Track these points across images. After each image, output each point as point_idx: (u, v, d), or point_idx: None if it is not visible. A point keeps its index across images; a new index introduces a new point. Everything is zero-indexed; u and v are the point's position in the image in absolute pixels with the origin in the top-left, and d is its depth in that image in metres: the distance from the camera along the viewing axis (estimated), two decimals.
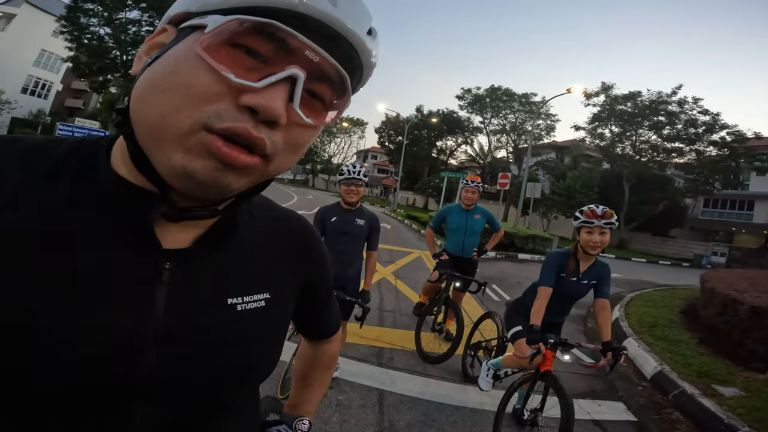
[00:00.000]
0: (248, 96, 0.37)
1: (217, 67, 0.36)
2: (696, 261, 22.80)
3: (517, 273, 9.50)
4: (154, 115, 0.37)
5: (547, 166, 33.76)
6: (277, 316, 0.57)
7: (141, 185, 0.43)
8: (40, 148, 0.45)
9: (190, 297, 0.47)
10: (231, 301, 0.50)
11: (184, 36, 0.39)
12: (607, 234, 2.36)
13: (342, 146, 56.69)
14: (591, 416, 3.02)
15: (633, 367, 4.22)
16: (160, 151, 0.38)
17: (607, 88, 29.49)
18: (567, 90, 17.39)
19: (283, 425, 0.81)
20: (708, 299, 5.58)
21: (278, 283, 0.58)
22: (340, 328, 0.88)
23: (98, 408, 0.43)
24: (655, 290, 9.33)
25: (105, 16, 24.06)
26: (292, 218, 0.67)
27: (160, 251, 0.45)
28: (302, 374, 0.88)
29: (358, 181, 2.85)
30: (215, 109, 0.37)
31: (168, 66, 0.38)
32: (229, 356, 0.49)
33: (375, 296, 5.48)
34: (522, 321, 2.64)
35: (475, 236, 4.19)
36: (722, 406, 3.09)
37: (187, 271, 0.47)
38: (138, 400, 0.44)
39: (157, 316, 0.44)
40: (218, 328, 0.48)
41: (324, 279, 0.72)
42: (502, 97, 37.53)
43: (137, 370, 0.43)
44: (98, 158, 0.45)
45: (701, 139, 27.32)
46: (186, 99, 0.36)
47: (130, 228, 0.44)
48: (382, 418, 2.60)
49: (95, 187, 0.43)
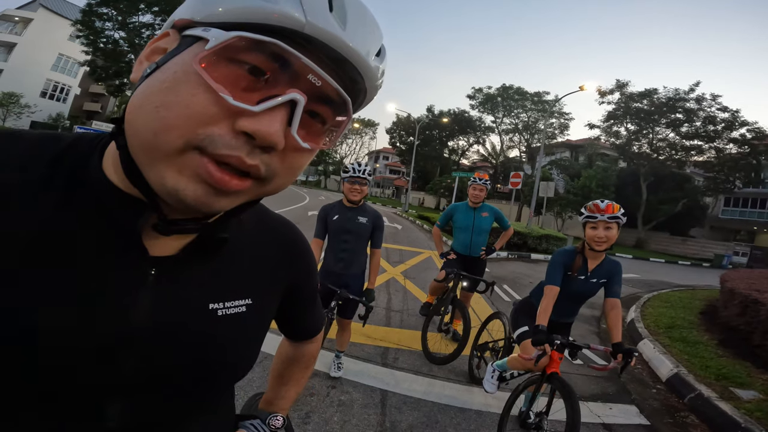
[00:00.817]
0: (245, 120, 0.35)
1: (216, 87, 0.34)
2: (716, 261, 22.21)
3: (530, 273, 9.34)
4: (147, 131, 0.36)
5: (561, 165, 33.32)
6: (257, 321, 0.58)
7: (131, 193, 0.42)
8: (38, 145, 0.44)
9: (173, 302, 0.48)
10: (212, 306, 0.51)
11: (186, 45, 0.38)
12: (614, 229, 2.27)
13: (354, 147, 56.99)
14: (601, 419, 2.92)
15: (648, 369, 4.08)
16: (153, 168, 0.37)
17: (622, 85, 29.03)
18: (579, 87, 17.05)
19: (257, 420, 0.82)
20: (728, 300, 5.40)
21: (261, 289, 0.59)
22: (322, 329, 0.87)
23: (78, 406, 0.43)
24: (674, 291, 9.10)
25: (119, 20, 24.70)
26: (279, 223, 0.67)
27: (146, 258, 0.45)
28: (279, 372, 0.89)
29: (363, 179, 2.80)
30: (210, 133, 0.35)
31: (165, 81, 0.36)
32: (208, 358, 0.51)
33: (383, 296, 5.44)
34: (528, 321, 2.56)
35: (483, 235, 4.10)
36: (739, 410, 2.96)
37: (172, 277, 0.48)
38: (117, 398, 0.45)
39: (140, 320, 0.45)
40: (198, 333, 0.50)
41: (309, 282, 0.72)
42: (513, 96, 37.28)
43: (117, 371, 0.44)
44: (92, 160, 0.44)
45: (721, 137, 26.70)
46: (180, 119, 0.35)
47: (118, 234, 0.44)
48: (383, 418, 2.55)
49: (86, 191, 0.43)
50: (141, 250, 0.45)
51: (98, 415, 0.45)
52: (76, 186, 0.43)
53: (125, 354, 0.44)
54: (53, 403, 0.42)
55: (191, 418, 0.55)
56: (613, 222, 2.26)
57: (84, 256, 0.42)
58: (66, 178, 0.43)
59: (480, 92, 38.74)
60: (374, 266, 2.95)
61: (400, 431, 2.46)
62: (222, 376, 0.55)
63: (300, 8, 0.36)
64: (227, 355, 0.53)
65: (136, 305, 0.45)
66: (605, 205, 2.27)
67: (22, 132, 0.45)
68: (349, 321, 2.99)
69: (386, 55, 0.45)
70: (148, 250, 0.45)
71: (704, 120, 26.74)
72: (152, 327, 0.46)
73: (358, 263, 2.92)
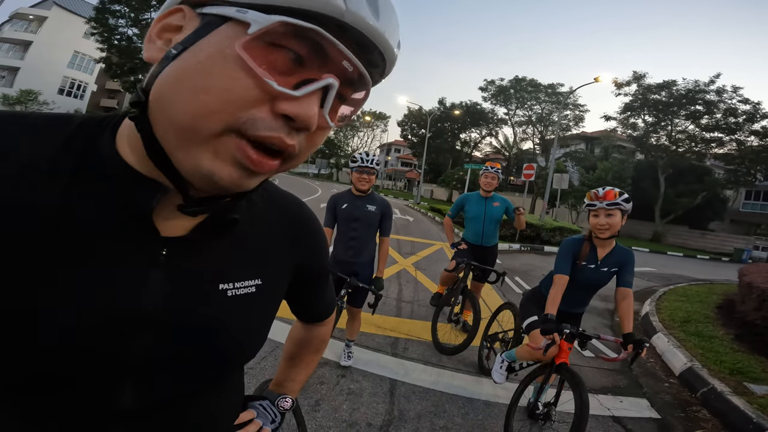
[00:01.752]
0: (286, 104, 0.36)
1: (260, 73, 0.35)
2: (736, 255, 21.65)
3: (543, 266, 9.25)
4: (185, 114, 0.36)
5: (576, 157, 32.72)
6: (267, 302, 0.58)
7: (145, 173, 0.43)
8: (48, 125, 0.44)
9: (183, 283, 0.48)
10: (222, 287, 0.51)
11: (213, 26, 0.37)
12: (616, 216, 2.25)
13: (365, 140, 56.87)
14: (611, 412, 2.90)
15: (661, 363, 4.03)
16: (187, 151, 0.38)
17: (639, 77, 28.26)
18: (594, 79, 16.67)
19: (266, 401, 0.84)
20: (745, 294, 5.28)
21: (271, 269, 0.59)
22: (333, 312, 0.88)
23: (90, 387, 0.44)
24: (690, 285, 8.92)
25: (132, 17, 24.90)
26: (289, 201, 0.66)
27: (157, 238, 0.46)
28: (291, 354, 0.90)
29: (371, 169, 2.83)
30: (251, 116, 0.36)
31: (200, 63, 0.36)
32: (217, 339, 0.51)
33: (394, 287, 5.46)
34: (538, 311, 2.54)
35: (495, 224, 4.07)
36: (752, 405, 2.91)
37: (182, 258, 0.48)
38: (128, 378, 0.46)
39: (151, 300, 0.45)
40: (208, 313, 0.50)
41: (319, 262, 0.72)
42: (527, 88, 36.72)
43: (129, 351, 0.44)
44: (102, 140, 0.44)
45: (742, 129, 25.86)
46: (222, 103, 0.35)
47: (130, 215, 0.44)
48: (392, 407, 2.58)
49: (98, 171, 0.43)
50: (153, 231, 0.45)
51: (110, 395, 0.45)
52: (87, 166, 0.43)
53: (137, 335, 0.45)
54: (65, 384, 0.42)
55: (201, 398, 0.56)
56: (613, 208, 2.24)
57: (96, 236, 0.42)
58: (77, 158, 0.43)
59: (492, 84, 38.25)
60: (383, 254, 2.97)
61: (408, 420, 2.48)
62: (232, 357, 0.55)
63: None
64: (237, 335, 0.54)
65: (148, 286, 0.45)
66: (604, 192, 2.26)
67: (31, 114, 0.45)
68: (359, 310, 3.02)
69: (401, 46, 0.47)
70: (159, 230, 0.46)
71: (725, 112, 25.91)
72: (163, 308, 0.46)
73: (368, 251, 2.95)
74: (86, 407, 0.45)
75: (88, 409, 0.45)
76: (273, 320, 0.62)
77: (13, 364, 0.40)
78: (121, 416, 0.47)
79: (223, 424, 0.66)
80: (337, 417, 2.39)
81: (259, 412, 0.80)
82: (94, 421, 0.46)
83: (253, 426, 0.74)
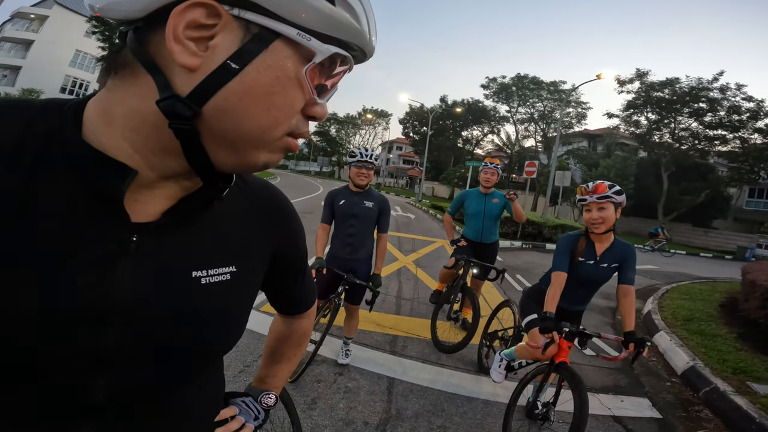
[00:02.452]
0: (314, 108, 0.46)
1: (314, 94, 0.45)
2: (739, 253, 21.54)
3: (545, 263, 9.21)
4: (257, 129, 0.42)
5: (578, 154, 32.61)
6: (242, 290, 0.57)
7: (115, 156, 0.41)
8: (9, 111, 0.42)
9: (154, 270, 0.47)
10: (195, 275, 0.50)
11: (267, 42, 0.40)
12: (608, 209, 2.22)
13: (367, 138, 56.72)
14: (611, 412, 2.86)
15: (663, 362, 3.99)
16: (243, 153, 0.44)
17: (642, 74, 28.11)
18: (597, 76, 16.53)
19: (248, 398, 0.82)
20: (749, 292, 5.22)
21: (245, 257, 0.57)
22: (314, 305, 0.86)
23: (61, 381, 0.43)
24: (693, 283, 8.86)
25: None
26: (261, 187, 0.65)
27: (127, 224, 0.44)
28: (272, 350, 0.88)
29: (369, 164, 2.78)
30: (296, 120, 0.45)
31: (271, 84, 0.41)
32: (192, 328, 0.50)
33: (394, 284, 5.44)
34: (538, 309, 2.50)
35: (495, 221, 4.04)
36: (755, 405, 2.87)
37: (154, 244, 0.47)
38: (101, 372, 0.44)
39: (122, 288, 0.44)
40: (182, 301, 0.49)
41: (297, 250, 0.70)
42: (529, 85, 36.55)
43: (100, 342, 0.43)
44: (66, 124, 0.42)
45: (745, 127, 25.75)
46: (286, 116, 0.43)
47: (99, 200, 0.42)
48: (389, 406, 2.55)
49: (63, 155, 0.41)
50: (123, 216, 0.44)
51: (79, 390, 0.44)
52: (51, 150, 0.41)
53: (107, 326, 0.43)
54: (36, 378, 0.41)
55: (178, 392, 0.54)
56: (605, 201, 2.21)
57: (62, 222, 0.41)
58: (41, 143, 0.41)
59: (494, 82, 38.04)
60: (381, 251, 2.93)
61: (405, 419, 2.45)
62: (208, 348, 0.54)
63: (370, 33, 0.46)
64: (213, 325, 0.52)
65: (118, 274, 0.44)
66: (594, 186, 2.25)
67: None
68: (356, 307, 2.99)
69: None
70: (130, 216, 0.44)
71: (728, 110, 25.77)
72: (134, 297, 0.45)
73: (365, 248, 2.91)
74: (53, 403, 0.43)
75: (55, 404, 0.43)
76: (250, 309, 0.60)
77: None
78: (93, 412, 0.45)
79: (202, 419, 0.64)
80: (333, 415, 2.36)
81: (241, 408, 0.78)
82: (62, 418, 0.44)
83: (236, 423, 0.73)
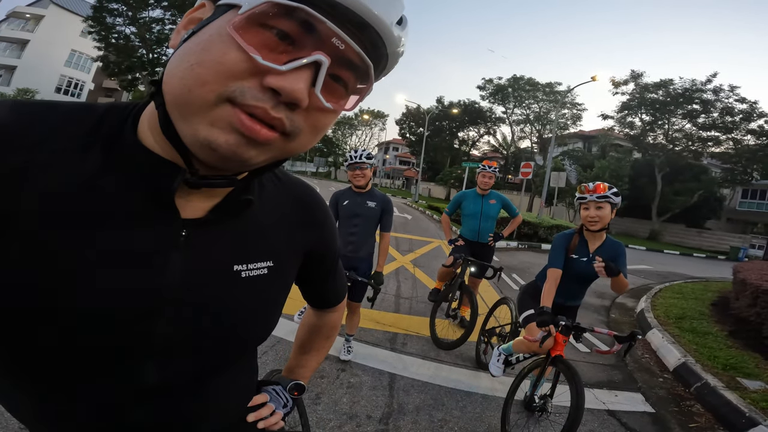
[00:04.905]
0: (272, 78, 0.38)
1: (246, 48, 0.37)
2: (732, 254, 21.77)
3: (541, 263, 9.21)
4: (182, 87, 0.39)
5: (573, 155, 32.78)
6: (278, 284, 0.60)
7: (165, 156, 0.45)
8: (76, 115, 0.46)
9: (200, 263, 0.50)
10: (236, 268, 0.53)
11: (220, 13, 0.40)
12: (605, 208, 2.34)
13: (363, 139, 56.76)
14: (606, 406, 2.95)
15: (655, 359, 4.09)
16: (186, 122, 0.40)
17: (637, 76, 28.37)
18: (592, 78, 16.77)
19: (278, 386, 0.86)
20: (740, 291, 5.34)
21: (282, 251, 0.61)
22: (344, 299, 0.90)
23: (113, 366, 0.46)
24: (686, 282, 9.00)
25: (129, 16, 24.73)
26: (299, 186, 0.68)
27: (178, 220, 0.48)
28: (302, 341, 0.92)
29: (363, 164, 2.88)
30: (240, 86, 0.38)
31: (200, 43, 0.39)
32: (232, 319, 0.53)
33: (392, 283, 5.50)
34: (534, 304, 2.59)
35: (491, 221, 4.13)
36: (745, 399, 2.96)
37: (200, 239, 0.50)
38: (149, 357, 0.48)
39: (172, 280, 0.47)
40: (224, 294, 0.52)
41: (330, 248, 0.73)
42: (524, 86, 36.70)
43: (151, 330, 0.46)
44: (126, 126, 0.47)
45: (738, 128, 26.03)
46: (213, 74, 0.37)
47: (152, 197, 0.46)
48: (391, 400, 2.62)
49: (122, 157, 0.45)
50: (173, 212, 0.47)
51: (133, 375, 0.47)
52: (112, 151, 0.45)
53: (158, 314, 0.47)
54: (90, 362, 0.45)
55: (216, 378, 0.58)
56: (603, 201, 2.33)
57: (121, 218, 0.44)
58: (103, 144, 0.45)
59: (490, 83, 38.18)
60: (383, 250, 3.01)
61: (407, 412, 2.52)
62: (245, 338, 0.57)
63: None
64: (250, 316, 0.56)
65: (169, 266, 0.47)
66: (594, 186, 2.37)
67: (57, 103, 0.47)
68: (358, 304, 3.06)
69: (408, 24, 0.46)
70: (180, 212, 0.48)
71: (721, 111, 26.04)
72: (182, 288, 0.48)
73: (367, 247, 3.00)
74: (108, 387, 0.47)
75: (114, 388, 0.47)
76: (284, 303, 0.64)
77: (35, 346, 0.41)
78: (139, 395, 0.49)
79: (237, 402, 0.69)
80: (337, 410, 2.43)
81: (272, 396, 0.82)
82: (120, 399, 0.48)
83: (267, 409, 0.77)
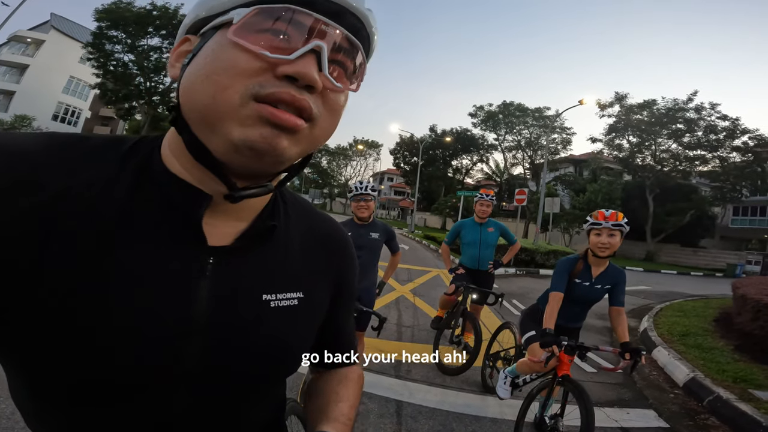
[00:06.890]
0: (285, 66, 0.41)
1: (252, 48, 0.40)
2: (729, 270, 21.83)
3: (539, 288, 9.21)
4: (205, 97, 0.41)
5: (565, 180, 33.31)
6: (309, 315, 0.59)
7: (192, 182, 0.47)
8: (106, 147, 0.48)
9: (228, 292, 0.49)
10: (265, 297, 0.52)
11: (209, 36, 0.43)
12: (617, 236, 2.36)
13: (358, 169, 57.34)
14: (619, 424, 2.90)
15: (663, 375, 4.04)
16: (216, 132, 0.41)
17: (621, 97, 29.22)
18: (579, 101, 17.34)
19: None
20: (741, 306, 5.36)
21: (311, 283, 0.59)
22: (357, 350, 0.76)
23: (143, 391, 0.46)
24: (686, 300, 8.98)
25: (128, 43, 25.16)
26: (327, 222, 0.67)
27: (205, 248, 0.48)
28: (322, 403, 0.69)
29: (368, 195, 2.94)
30: (258, 81, 0.40)
31: (207, 58, 0.42)
32: (260, 349, 0.52)
33: (394, 312, 5.46)
34: (536, 326, 2.61)
35: (490, 249, 4.16)
36: (760, 410, 2.94)
37: (228, 267, 0.50)
38: (178, 384, 0.47)
39: (200, 309, 0.47)
40: (252, 323, 0.51)
41: (351, 283, 0.70)
42: (515, 112, 37.58)
43: (179, 358, 0.46)
44: (154, 156, 0.48)
45: (723, 145, 26.61)
46: (231, 77, 0.40)
47: (180, 224, 0.47)
48: (400, 427, 2.57)
49: (151, 185, 0.47)
50: (201, 240, 0.47)
51: (159, 403, 0.47)
52: (142, 180, 0.46)
53: (188, 343, 0.46)
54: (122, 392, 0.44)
55: (245, 406, 0.56)
56: (616, 230, 2.35)
57: (152, 245, 0.45)
58: (133, 173, 0.46)
59: (481, 110, 39.12)
60: (393, 264, 3.25)
61: None
62: (275, 369, 0.55)
63: None
64: (280, 347, 0.54)
65: (198, 294, 0.47)
66: (609, 213, 2.39)
67: (90, 135, 0.49)
68: (362, 333, 3.03)
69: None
70: (207, 239, 0.48)
71: (705, 129, 26.69)
72: (210, 316, 0.47)
73: (369, 277, 3.02)
74: (138, 412, 0.47)
75: (139, 416, 0.47)
76: (314, 336, 0.61)
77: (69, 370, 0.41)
78: (169, 422, 0.49)
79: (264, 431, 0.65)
80: None
81: None
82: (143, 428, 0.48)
83: None
